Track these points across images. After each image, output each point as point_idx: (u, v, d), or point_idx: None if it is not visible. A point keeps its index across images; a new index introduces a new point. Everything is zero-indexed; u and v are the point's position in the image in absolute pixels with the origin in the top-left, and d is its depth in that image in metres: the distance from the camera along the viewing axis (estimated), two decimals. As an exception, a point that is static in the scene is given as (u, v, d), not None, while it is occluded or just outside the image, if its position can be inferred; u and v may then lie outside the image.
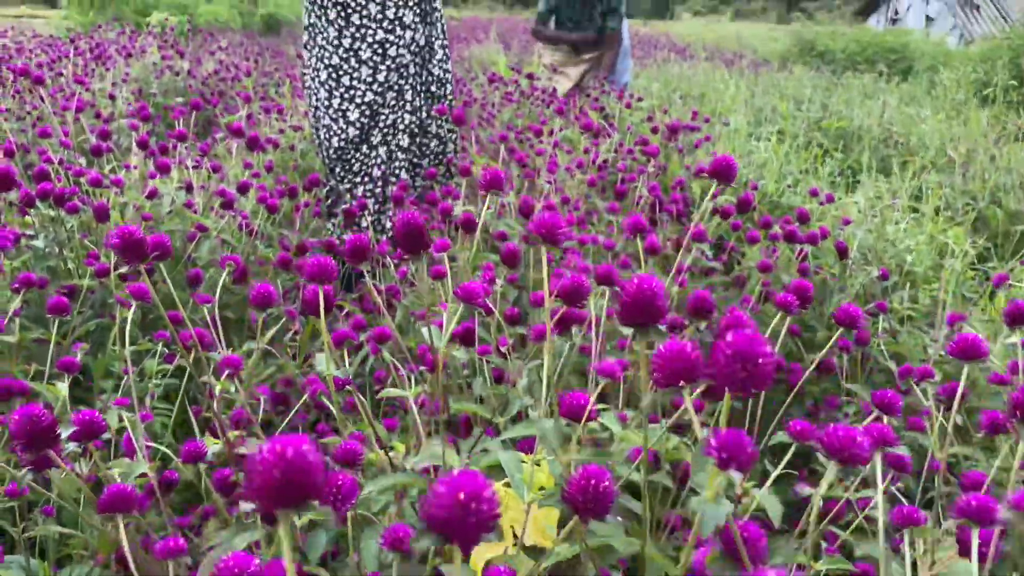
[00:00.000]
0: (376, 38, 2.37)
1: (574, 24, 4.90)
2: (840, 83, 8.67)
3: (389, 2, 2.36)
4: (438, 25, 2.54)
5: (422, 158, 2.57)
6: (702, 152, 3.03)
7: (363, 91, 2.37)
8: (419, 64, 2.46)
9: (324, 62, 2.39)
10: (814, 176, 3.35)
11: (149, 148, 1.89)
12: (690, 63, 9.61)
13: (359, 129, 2.38)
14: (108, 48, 5.28)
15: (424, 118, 2.52)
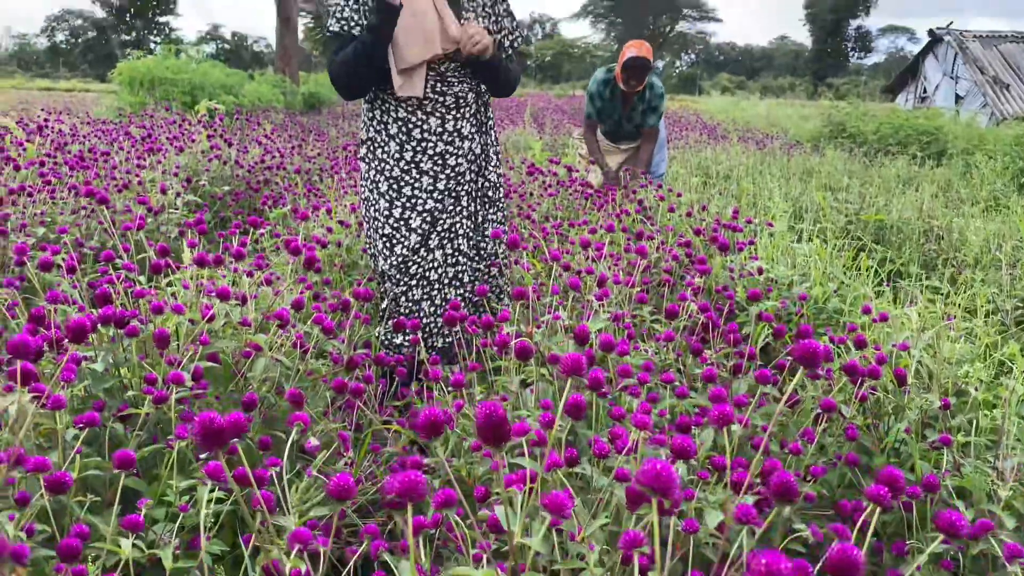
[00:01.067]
0: (436, 150, 2.45)
1: (615, 122, 5.00)
2: (874, 167, 8.70)
3: (448, 116, 2.44)
4: (491, 133, 2.62)
5: (479, 261, 2.62)
6: (746, 254, 3.03)
7: (424, 199, 2.45)
8: (475, 171, 2.55)
9: (385, 174, 2.46)
10: (857, 278, 3.32)
11: (206, 263, 1.92)
12: (722, 144, 9.72)
13: (420, 235, 2.44)
14: (159, 136, 5.46)
15: (480, 222, 2.59)
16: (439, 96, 2.42)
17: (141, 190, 4.04)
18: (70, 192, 3.75)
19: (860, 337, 1.85)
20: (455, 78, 2.44)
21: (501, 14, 2.51)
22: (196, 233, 2.31)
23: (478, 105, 2.55)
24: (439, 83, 2.41)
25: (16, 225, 2.89)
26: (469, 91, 2.48)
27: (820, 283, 2.95)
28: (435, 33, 2.28)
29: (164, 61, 11.32)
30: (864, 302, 2.95)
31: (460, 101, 2.46)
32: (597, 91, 5.03)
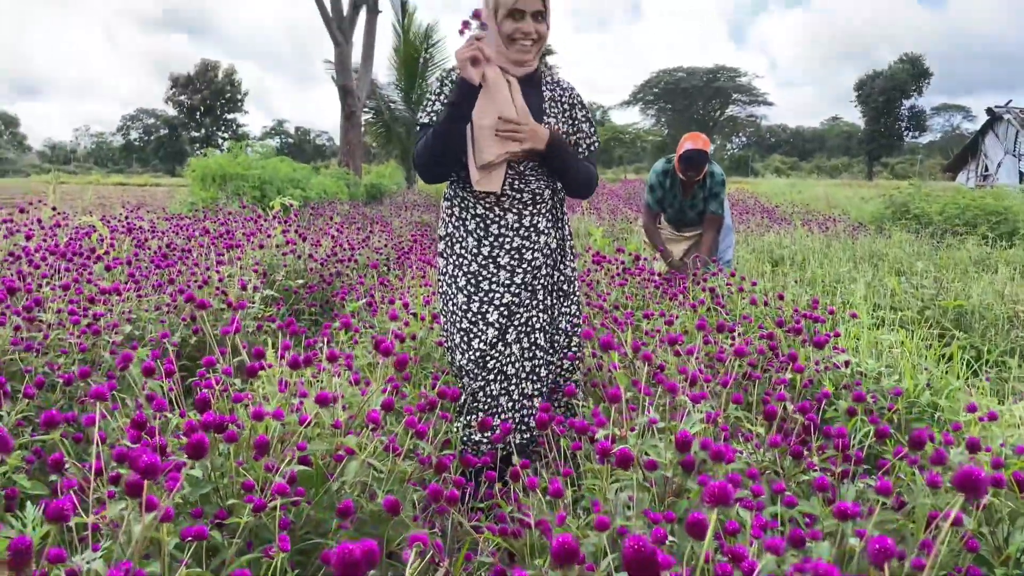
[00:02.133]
0: (513, 244, 2.48)
1: (676, 210, 5.03)
2: (943, 249, 8.51)
3: (525, 211, 2.49)
4: (566, 228, 2.65)
5: (554, 354, 2.61)
6: (830, 346, 2.95)
7: (501, 293, 2.47)
8: (551, 265, 2.57)
9: (463, 269, 2.49)
10: (947, 370, 3.20)
11: (299, 365, 1.94)
12: (784, 228, 9.65)
13: (497, 329, 2.45)
14: (236, 231, 5.65)
15: (555, 315, 2.60)
16: (516, 193, 2.47)
17: (221, 285, 4.15)
18: (155, 290, 3.88)
19: (972, 439, 1.76)
20: (532, 175, 2.48)
21: (580, 119, 2.57)
22: (287, 334, 2.34)
23: (554, 201, 2.59)
24: (517, 180, 2.47)
25: (108, 324, 2.98)
26: (545, 188, 2.53)
27: (910, 375, 2.85)
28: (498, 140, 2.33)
29: (235, 158, 11.81)
30: (958, 395, 2.84)
31: (536, 197, 2.50)
32: (657, 181, 5.08)
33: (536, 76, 2.53)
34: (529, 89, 2.48)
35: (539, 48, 2.44)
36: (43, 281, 3.29)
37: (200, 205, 10.61)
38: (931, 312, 4.74)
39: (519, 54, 2.39)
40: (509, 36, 2.37)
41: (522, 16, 2.35)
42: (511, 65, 2.42)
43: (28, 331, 2.75)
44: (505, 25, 2.36)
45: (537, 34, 2.39)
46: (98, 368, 2.79)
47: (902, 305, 4.95)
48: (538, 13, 2.36)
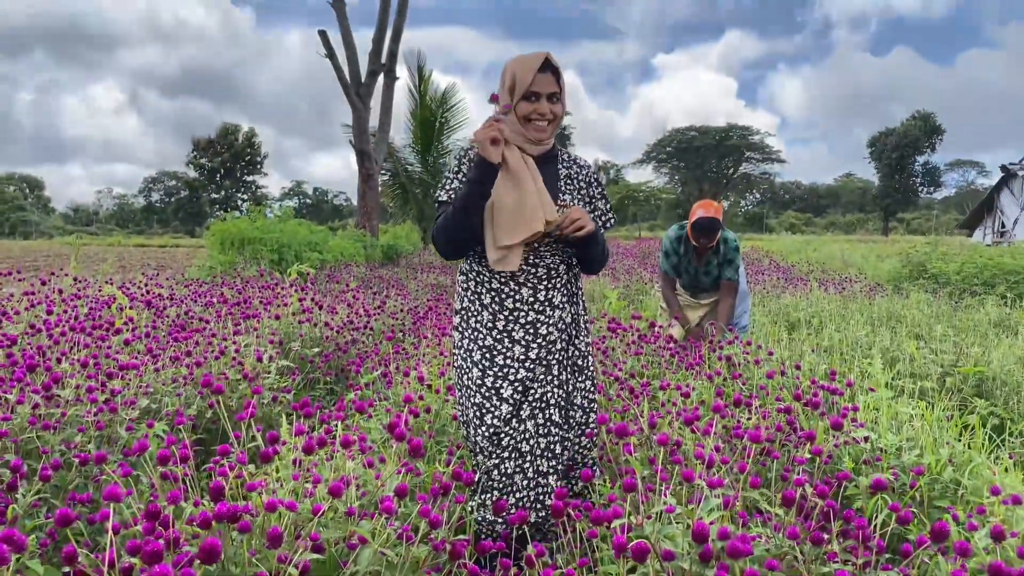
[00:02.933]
0: (528, 319, 2.50)
1: (691, 276, 5.04)
2: (961, 310, 8.44)
3: (540, 286, 2.50)
4: (581, 303, 2.66)
5: (568, 430, 2.59)
6: (848, 423, 2.92)
7: (516, 368, 2.47)
8: (566, 340, 2.57)
9: (478, 343, 2.50)
10: (969, 442, 3.15)
11: (313, 450, 1.94)
12: (800, 288, 9.62)
13: (512, 405, 2.45)
14: (252, 298, 5.71)
15: (570, 390, 2.60)
16: (531, 267, 2.50)
17: (238, 355, 4.18)
18: (173, 361, 3.91)
19: (997, 528, 1.73)
20: (547, 251, 2.51)
21: (596, 196, 2.61)
22: (302, 416, 2.34)
23: (569, 276, 2.61)
24: (532, 256, 2.49)
25: (125, 400, 3.00)
26: (560, 263, 2.55)
27: (931, 450, 2.81)
28: (536, 216, 2.36)
29: (254, 222, 11.99)
30: (981, 470, 2.78)
31: (552, 272, 2.53)
32: (671, 248, 5.10)
33: (552, 153, 2.57)
34: (546, 166, 2.53)
35: (555, 127, 2.50)
36: (62, 357, 3.32)
37: (218, 269, 10.74)
38: (951, 379, 4.68)
39: (535, 133, 2.45)
40: (525, 117, 2.43)
41: (538, 98, 2.41)
42: (528, 144, 2.47)
43: (46, 408, 2.77)
44: (521, 106, 2.42)
45: (552, 114, 2.45)
46: (114, 445, 2.80)
47: (921, 371, 4.89)
48: (553, 95, 2.42)
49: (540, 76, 2.40)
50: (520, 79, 2.39)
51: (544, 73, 2.40)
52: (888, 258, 15.71)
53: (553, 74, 2.42)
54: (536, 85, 2.39)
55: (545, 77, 2.40)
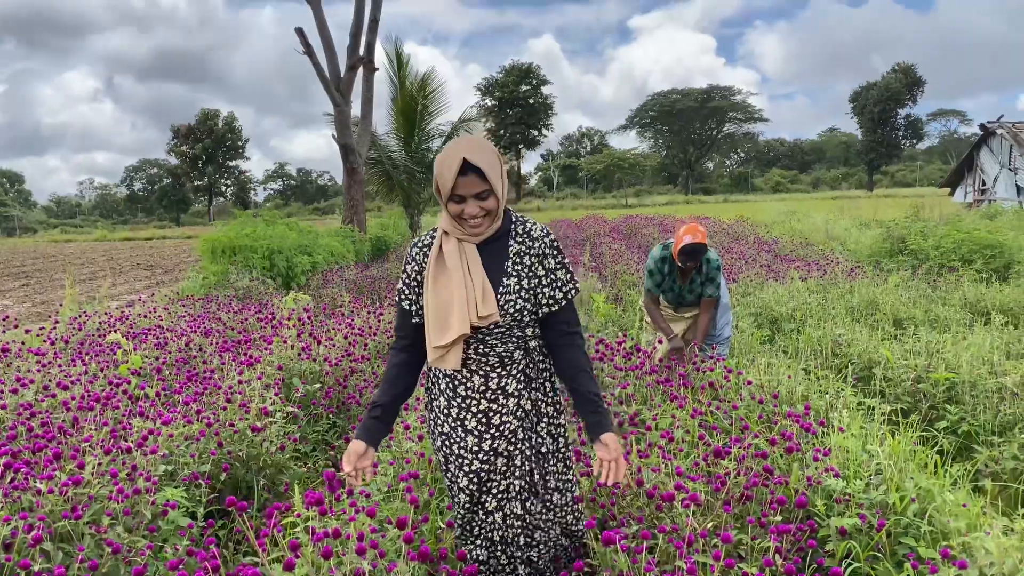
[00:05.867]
0: (480, 407, 2.42)
1: (676, 294, 5.25)
2: (940, 290, 8.70)
3: (493, 374, 2.40)
4: (545, 387, 2.52)
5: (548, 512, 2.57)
6: (820, 466, 3.16)
7: (470, 460, 2.43)
8: (527, 428, 2.46)
9: (438, 429, 2.52)
10: (935, 475, 3.40)
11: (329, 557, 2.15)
12: (784, 274, 9.85)
13: (469, 496, 2.45)
14: (252, 333, 5.89)
15: (540, 476, 2.51)
16: (481, 356, 2.39)
17: (243, 397, 4.36)
18: (184, 406, 4.11)
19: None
20: (496, 340, 2.38)
21: (553, 268, 2.42)
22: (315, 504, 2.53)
23: (527, 362, 2.46)
24: (480, 345, 2.38)
25: (145, 475, 3.19)
26: (515, 349, 2.41)
27: (895, 488, 3.04)
28: (463, 317, 2.30)
29: (242, 229, 12.11)
30: (946, 508, 3.02)
31: (505, 360, 2.41)
32: (656, 267, 5.30)
33: (505, 228, 2.42)
34: (494, 245, 2.40)
35: (493, 216, 2.36)
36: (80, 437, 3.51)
37: (212, 280, 10.89)
38: (924, 385, 4.92)
39: (470, 230, 2.34)
40: (456, 216, 2.33)
41: (463, 200, 2.29)
42: (468, 237, 2.37)
43: (74, 493, 2.96)
44: (450, 207, 2.32)
45: (484, 211, 2.31)
46: (139, 526, 3.00)
47: (896, 377, 5.14)
48: (480, 194, 2.29)
49: (462, 179, 2.25)
50: (442, 183, 2.28)
51: (466, 176, 2.25)
52: (870, 227, 15.96)
53: (477, 174, 2.26)
54: (459, 188, 2.27)
55: (467, 180, 2.26)
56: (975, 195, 24.64)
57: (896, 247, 11.85)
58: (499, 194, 2.32)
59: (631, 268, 11.31)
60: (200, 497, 3.57)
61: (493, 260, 2.38)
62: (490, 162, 2.29)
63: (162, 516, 3.09)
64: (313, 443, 4.80)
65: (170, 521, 3.14)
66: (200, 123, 73.22)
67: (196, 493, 3.57)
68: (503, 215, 2.42)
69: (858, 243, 13.66)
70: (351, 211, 17.94)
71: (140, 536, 2.93)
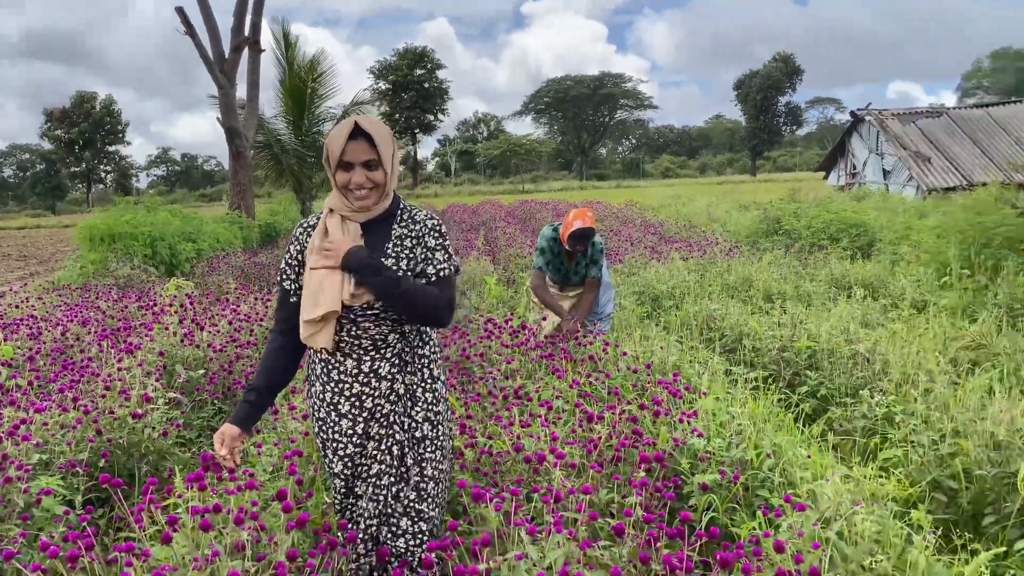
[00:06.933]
0: (353, 391, 2.41)
1: (562, 275, 5.46)
2: (809, 267, 9.28)
3: (365, 357, 2.40)
4: (423, 371, 2.52)
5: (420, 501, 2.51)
6: (687, 424, 3.39)
7: (344, 444, 2.43)
8: (400, 412, 2.46)
9: (316, 414, 2.51)
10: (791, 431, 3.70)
11: (209, 529, 2.19)
12: (667, 254, 10.26)
13: (344, 480, 2.46)
14: (132, 322, 5.73)
15: (415, 461, 2.49)
16: (354, 339, 2.39)
17: (123, 384, 4.26)
18: (60, 395, 4.00)
19: (779, 543, 2.18)
20: (370, 323, 2.37)
21: (433, 247, 2.43)
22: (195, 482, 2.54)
23: (402, 345, 2.45)
24: (353, 327, 2.37)
25: (17, 464, 3.11)
26: (389, 333, 2.41)
27: (752, 446, 3.30)
28: (334, 295, 2.31)
29: (122, 216, 11.64)
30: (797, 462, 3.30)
31: (378, 343, 2.40)
32: (547, 246, 5.48)
33: (392, 212, 2.45)
34: (379, 228, 2.42)
35: (381, 192, 2.38)
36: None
37: (90, 269, 10.44)
38: (788, 354, 5.29)
39: (356, 202, 2.35)
40: (344, 187, 2.35)
41: (350, 167, 2.31)
42: (352, 213, 2.39)
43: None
44: (337, 176, 2.34)
45: (372, 182, 2.33)
46: (11, 515, 2.93)
47: (763, 347, 5.50)
48: (370, 162, 2.31)
49: (352, 144, 2.29)
50: (331, 150, 2.32)
51: (356, 141, 2.30)
52: (749, 209, 16.74)
53: (367, 141, 2.30)
54: (348, 154, 2.29)
55: (357, 145, 2.29)
56: (846, 178, 26.15)
57: (772, 228, 12.51)
58: (387, 169, 2.35)
59: (524, 251, 11.52)
60: (78, 485, 3.50)
61: (375, 242, 2.39)
62: (381, 133, 2.34)
63: (36, 505, 3.04)
64: (198, 429, 4.74)
65: (45, 509, 3.08)
66: (76, 106, 69.19)
67: (74, 482, 3.50)
68: (392, 199, 2.44)
69: (737, 225, 14.32)
70: (238, 196, 17.46)
71: (12, 524, 2.88)
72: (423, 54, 66.97)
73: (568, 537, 2.29)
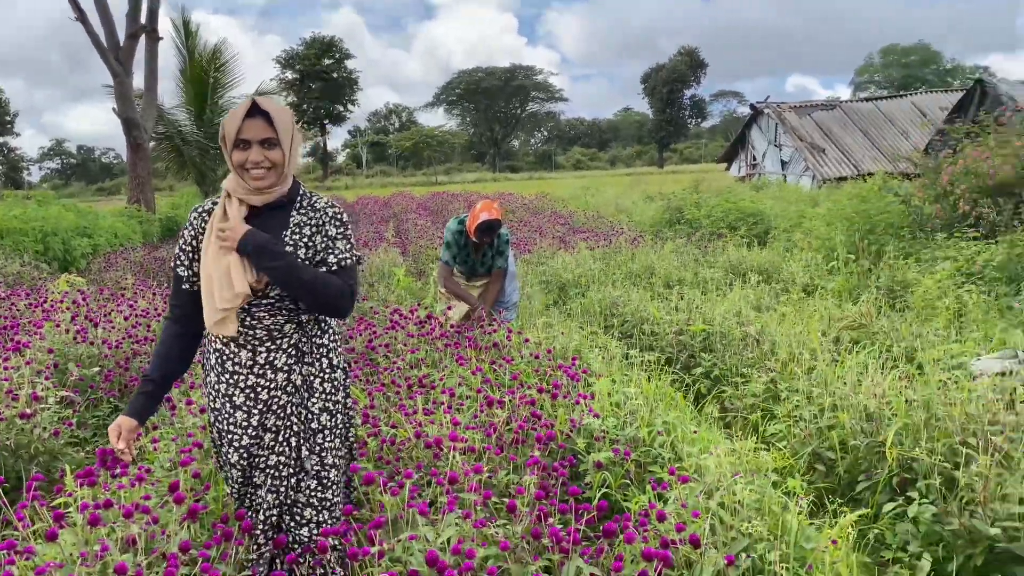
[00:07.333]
0: (248, 383, 2.38)
1: (469, 266, 5.51)
2: (709, 255, 9.62)
3: (261, 348, 2.37)
4: (322, 361, 2.49)
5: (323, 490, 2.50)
6: (583, 405, 3.50)
7: (239, 435, 2.40)
8: (297, 403, 2.43)
9: (211, 405, 2.48)
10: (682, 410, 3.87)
11: (98, 522, 2.16)
12: (575, 244, 10.46)
13: (241, 471, 2.43)
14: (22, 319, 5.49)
15: (313, 451, 2.46)
16: (249, 330, 2.36)
17: (10, 384, 4.10)
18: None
19: (661, 512, 2.31)
20: (265, 313, 2.36)
21: (334, 236, 2.41)
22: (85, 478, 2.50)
23: (299, 336, 2.42)
24: (248, 317, 2.35)
25: None
26: (285, 323, 2.39)
27: (645, 425, 3.45)
28: (240, 279, 2.28)
29: (10, 211, 11.07)
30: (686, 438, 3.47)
31: (274, 333, 2.38)
32: (454, 240, 5.52)
33: (291, 197, 2.42)
34: (277, 213, 2.39)
35: (279, 173, 2.35)
36: None
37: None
38: (684, 337, 5.50)
39: (253, 182, 2.31)
40: (240, 166, 2.31)
41: (248, 145, 2.29)
42: (250, 195, 2.35)
43: None
44: (234, 156, 2.31)
45: (270, 162, 2.30)
46: None
47: (661, 331, 5.70)
48: (267, 140, 2.29)
49: (249, 122, 2.28)
50: (228, 129, 2.30)
51: (253, 119, 2.28)
52: (655, 200, 17.18)
53: (265, 119, 2.29)
54: (245, 132, 2.28)
55: (255, 123, 2.28)
56: (747, 169, 27.11)
57: (675, 217, 12.90)
58: (286, 149, 2.33)
59: (435, 243, 11.52)
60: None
61: (273, 228, 2.35)
62: (279, 112, 2.32)
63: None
64: (94, 428, 4.60)
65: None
66: (-44, 96, 65.07)
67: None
68: (292, 185, 2.42)
69: (643, 215, 14.70)
70: (137, 190, 16.84)
71: None
72: (331, 43, 65.71)
73: (463, 517, 2.36)
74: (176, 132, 20.38)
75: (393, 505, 2.47)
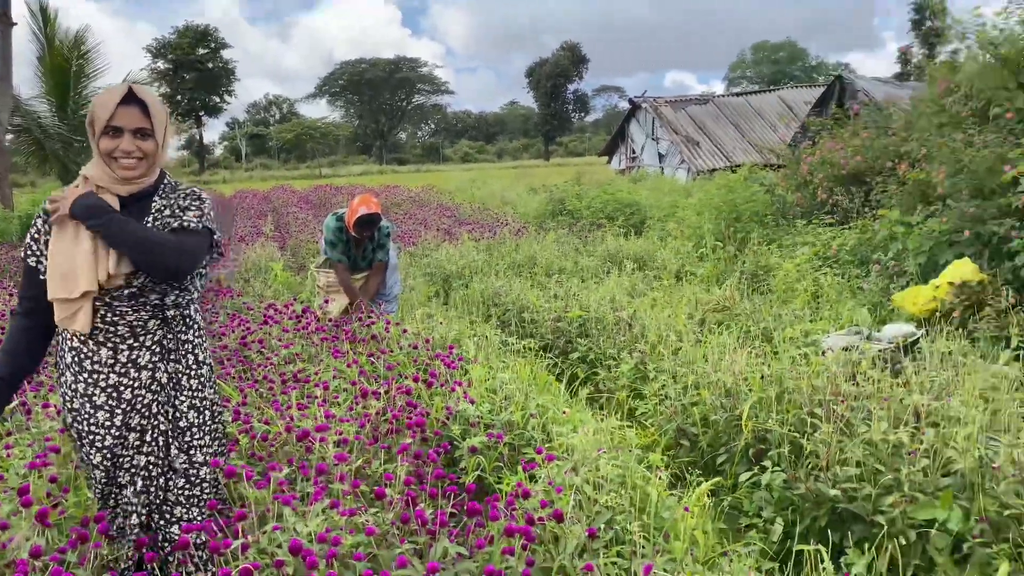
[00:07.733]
0: (109, 382, 2.29)
1: (351, 260, 5.46)
2: (589, 244, 9.88)
3: (123, 345, 2.29)
4: (189, 357, 2.43)
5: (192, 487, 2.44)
6: (459, 392, 3.56)
7: (102, 436, 2.31)
8: (163, 401, 2.36)
9: (67, 405, 2.36)
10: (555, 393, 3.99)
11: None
12: (459, 236, 10.51)
13: (104, 472, 2.35)
14: None
15: (181, 450, 2.40)
16: (110, 326, 2.27)
17: None
18: None
19: (526, 490, 2.39)
20: (127, 307, 2.27)
21: (185, 207, 2.34)
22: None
23: (165, 331, 2.35)
24: (108, 312, 2.26)
25: None
26: (149, 319, 2.31)
27: (518, 409, 3.54)
28: (90, 274, 2.18)
29: None
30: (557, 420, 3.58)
31: (137, 330, 2.29)
32: (334, 237, 5.45)
33: (154, 188, 2.34)
34: (138, 207, 2.30)
35: (149, 164, 2.28)
36: None
37: None
38: (562, 324, 5.65)
39: (122, 172, 2.23)
40: (108, 154, 2.22)
41: (119, 133, 2.20)
42: (115, 184, 2.25)
43: None
44: (103, 143, 2.21)
45: (142, 152, 2.24)
46: None
47: (540, 319, 5.83)
48: (140, 130, 2.22)
49: (123, 109, 2.20)
50: (99, 115, 2.20)
51: (128, 106, 2.21)
52: (538, 192, 17.46)
53: (141, 108, 2.22)
54: (118, 119, 2.19)
55: (129, 110, 2.20)
56: (627, 162, 27.87)
57: (557, 209, 13.16)
58: (159, 140, 2.27)
59: (316, 237, 11.31)
60: None
61: (136, 216, 2.26)
62: (155, 102, 2.26)
63: None
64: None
65: None
66: None
67: None
68: (158, 176, 2.34)
69: (527, 207, 14.91)
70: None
71: None
72: (206, 32, 63.06)
73: (330, 506, 2.37)
74: (36, 124, 19.11)
75: (260, 499, 2.45)
